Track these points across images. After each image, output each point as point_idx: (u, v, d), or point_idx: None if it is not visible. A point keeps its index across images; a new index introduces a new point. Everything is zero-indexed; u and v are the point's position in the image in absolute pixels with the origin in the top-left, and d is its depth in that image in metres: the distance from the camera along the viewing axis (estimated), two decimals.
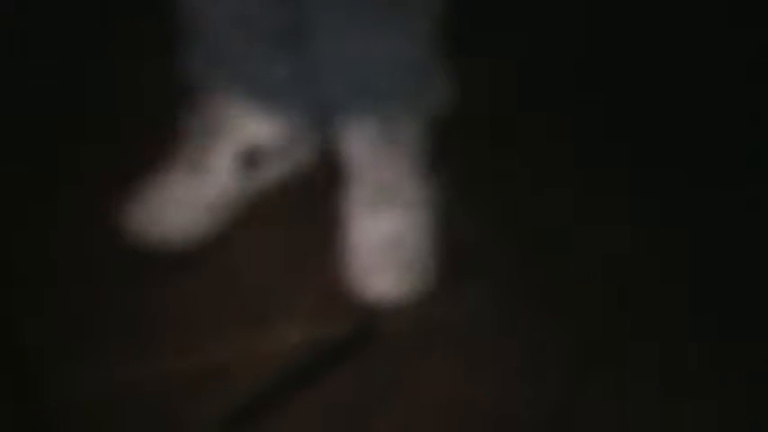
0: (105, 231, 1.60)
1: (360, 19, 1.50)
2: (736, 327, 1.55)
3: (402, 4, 1.50)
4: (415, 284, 1.57)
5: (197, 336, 1.52)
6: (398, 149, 1.62)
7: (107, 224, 1.60)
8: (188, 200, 1.61)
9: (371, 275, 1.56)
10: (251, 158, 1.65)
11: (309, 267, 1.59)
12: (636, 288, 1.59)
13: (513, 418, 1.47)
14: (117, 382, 1.47)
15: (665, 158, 1.72)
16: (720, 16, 1.87)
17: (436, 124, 1.65)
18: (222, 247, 1.62)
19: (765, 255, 1.61)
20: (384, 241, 1.57)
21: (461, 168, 1.68)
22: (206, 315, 1.56)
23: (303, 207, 1.67)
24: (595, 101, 1.78)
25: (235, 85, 1.63)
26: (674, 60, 1.83)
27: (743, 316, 1.55)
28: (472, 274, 1.59)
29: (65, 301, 1.54)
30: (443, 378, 1.50)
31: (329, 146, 1.67)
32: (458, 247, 1.61)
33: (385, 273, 1.56)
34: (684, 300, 1.58)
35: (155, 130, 1.68)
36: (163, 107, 1.69)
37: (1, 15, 1.83)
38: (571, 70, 1.82)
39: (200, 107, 1.66)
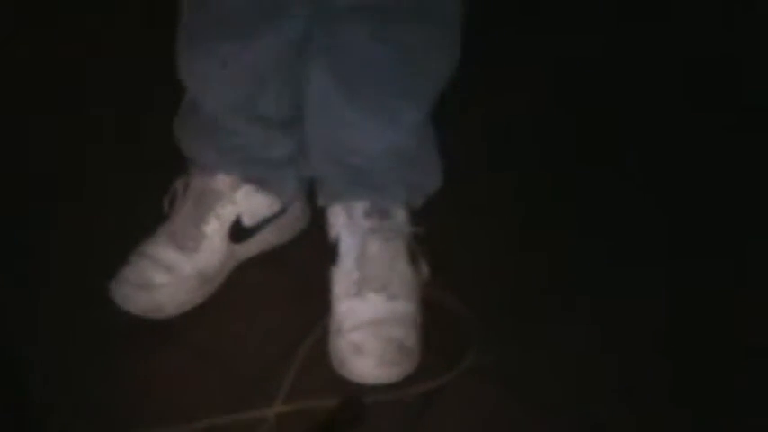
0: (93, 302, 1.59)
1: (359, 108, 1.54)
2: None
3: (400, 95, 1.54)
4: (400, 367, 1.55)
5: (181, 408, 1.50)
6: (388, 234, 1.62)
7: (95, 295, 1.59)
8: (177, 270, 1.61)
9: (357, 354, 1.54)
10: (240, 232, 1.66)
11: (295, 341, 1.58)
12: None
13: None
14: None
15: None
16: None
17: (426, 209, 1.67)
18: (209, 319, 1.62)
19: None
20: (371, 322, 1.56)
21: (451, 254, 1.69)
22: (191, 387, 1.54)
23: (291, 282, 1.67)
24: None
25: (230, 160, 1.65)
26: None
27: None
28: (460, 357, 1.57)
29: (62, 367, 1.55)
30: None
31: (319, 225, 1.68)
32: (447, 329, 1.60)
33: (371, 353, 1.54)
34: None
35: (146, 197, 1.69)
36: (157, 177, 1.70)
37: None
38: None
39: (192, 177, 1.67)
